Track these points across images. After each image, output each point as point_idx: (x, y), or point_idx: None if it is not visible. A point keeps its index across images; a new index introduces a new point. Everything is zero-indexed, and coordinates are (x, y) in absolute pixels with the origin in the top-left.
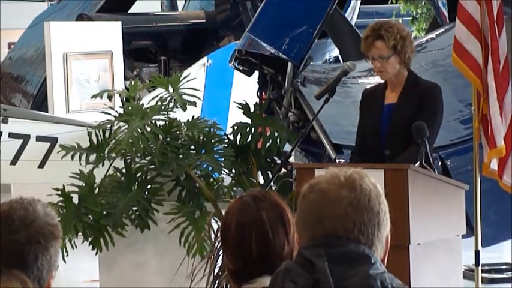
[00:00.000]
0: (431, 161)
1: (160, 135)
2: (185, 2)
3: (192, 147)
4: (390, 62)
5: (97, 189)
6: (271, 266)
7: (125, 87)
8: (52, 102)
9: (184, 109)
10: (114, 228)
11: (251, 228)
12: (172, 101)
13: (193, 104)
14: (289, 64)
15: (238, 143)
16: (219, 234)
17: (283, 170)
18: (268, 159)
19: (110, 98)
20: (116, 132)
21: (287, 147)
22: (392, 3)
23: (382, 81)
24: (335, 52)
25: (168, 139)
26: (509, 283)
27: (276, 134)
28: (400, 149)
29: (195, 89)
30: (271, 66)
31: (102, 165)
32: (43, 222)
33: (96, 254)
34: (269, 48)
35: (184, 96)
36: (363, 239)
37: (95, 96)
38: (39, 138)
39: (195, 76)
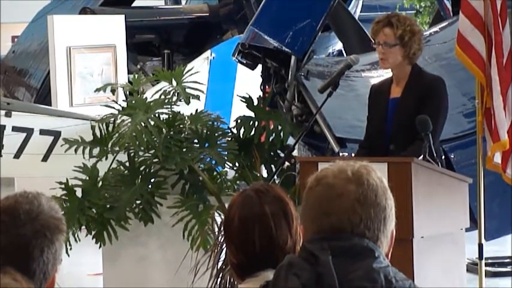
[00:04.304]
0: (435, 155)
1: (163, 129)
2: None
3: (196, 140)
4: (393, 51)
5: (100, 183)
6: (274, 259)
7: (128, 81)
8: (55, 95)
9: (188, 103)
10: (118, 221)
11: (254, 222)
12: (176, 94)
13: (197, 97)
14: (293, 58)
15: (241, 136)
16: (222, 228)
17: (287, 163)
18: (272, 153)
19: (113, 91)
20: (119, 125)
21: (290, 140)
22: None
23: (388, 76)
24: (338, 46)
25: (172, 133)
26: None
27: (280, 127)
28: (405, 143)
29: (199, 83)
30: (275, 60)
31: (106, 158)
32: (48, 216)
33: (100, 247)
34: (272, 41)
35: (188, 90)
36: (368, 233)
37: (98, 89)
38: (42, 132)
39: (199, 70)
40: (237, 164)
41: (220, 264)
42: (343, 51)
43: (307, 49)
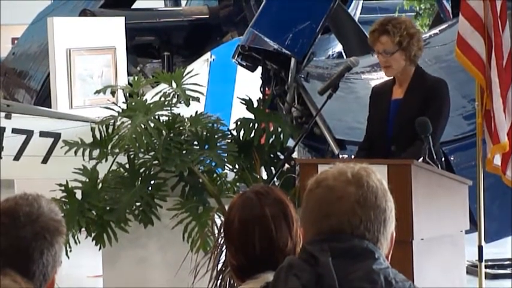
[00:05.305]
0: (435, 157)
1: (163, 131)
2: None
3: (196, 142)
4: (395, 57)
5: (100, 185)
6: (275, 261)
7: (128, 83)
8: (55, 97)
9: (188, 105)
10: (118, 223)
11: (254, 224)
12: (176, 96)
13: (197, 99)
14: (293, 60)
15: (241, 138)
16: (222, 230)
17: (287, 165)
18: (272, 155)
19: (113, 93)
20: (119, 127)
21: (290, 142)
22: None
23: (387, 77)
24: (338, 48)
25: (172, 135)
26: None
27: (279, 129)
28: (406, 144)
29: (198, 85)
30: (275, 62)
31: (106, 160)
32: (48, 218)
33: (100, 249)
34: (272, 43)
35: (188, 92)
36: (368, 235)
37: (98, 91)
38: (42, 134)
39: (198, 72)
40: (236, 166)
41: (220, 266)
42: (343, 53)
43: (307, 51)
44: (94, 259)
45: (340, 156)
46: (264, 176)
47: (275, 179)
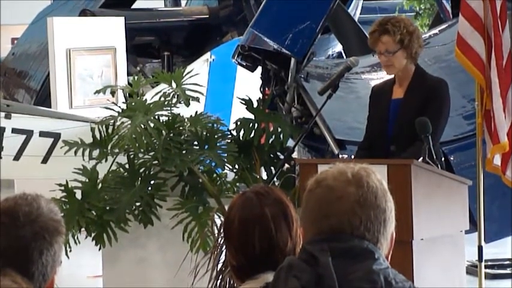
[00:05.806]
0: (435, 157)
1: (163, 131)
2: None
3: (195, 142)
4: (397, 56)
5: (100, 185)
6: (274, 261)
7: (128, 83)
8: (55, 97)
9: (188, 105)
10: (117, 223)
11: (254, 224)
12: (176, 96)
13: (197, 99)
14: (293, 60)
15: (241, 138)
16: (222, 230)
17: (286, 165)
18: (271, 155)
19: (113, 93)
20: (119, 127)
21: (290, 142)
22: None
23: (388, 77)
24: (338, 48)
25: (171, 135)
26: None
27: (279, 129)
28: (406, 144)
29: (198, 85)
30: (275, 62)
31: (105, 160)
32: (47, 218)
33: (100, 249)
34: (272, 43)
35: (188, 92)
36: (368, 235)
37: (98, 91)
38: (42, 134)
39: (198, 72)
40: (236, 166)
41: (220, 266)
42: (343, 53)
43: (307, 51)
44: (94, 259)
45: (340, 156)
46: (264, 176)
47: (275, 179)
